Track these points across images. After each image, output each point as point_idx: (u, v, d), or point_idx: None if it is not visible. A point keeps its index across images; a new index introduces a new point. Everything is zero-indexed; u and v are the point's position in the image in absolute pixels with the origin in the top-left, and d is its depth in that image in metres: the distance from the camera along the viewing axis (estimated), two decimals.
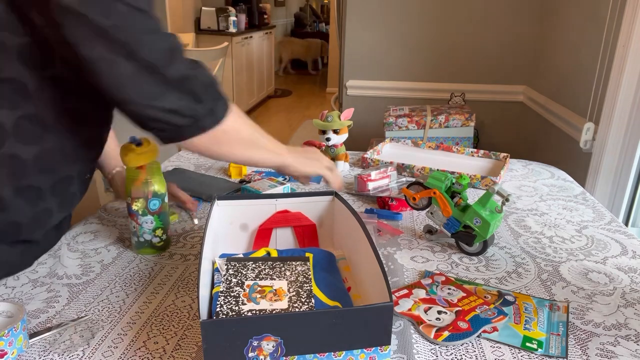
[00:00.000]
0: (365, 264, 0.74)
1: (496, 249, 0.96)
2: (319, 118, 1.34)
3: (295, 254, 0.82)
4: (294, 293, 0.69)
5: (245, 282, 0.71)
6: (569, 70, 2.13)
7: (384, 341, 0.59)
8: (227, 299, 0.67)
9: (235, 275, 0.73)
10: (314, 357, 0.58)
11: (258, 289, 0.70)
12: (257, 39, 5.82)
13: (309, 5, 9.75)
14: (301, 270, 0.75)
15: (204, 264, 0.69)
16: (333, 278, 0.76)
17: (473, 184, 1.27)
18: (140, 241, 0.90)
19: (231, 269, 0.75)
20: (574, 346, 0.68)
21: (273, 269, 0.75)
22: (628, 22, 1.63)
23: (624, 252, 0.96)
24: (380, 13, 2.60)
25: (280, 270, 0.75)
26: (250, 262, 0.77)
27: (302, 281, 0.72)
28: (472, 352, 0.67)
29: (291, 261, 0.77)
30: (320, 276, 0.76)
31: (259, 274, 0.74)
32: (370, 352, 0.59)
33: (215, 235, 0.83)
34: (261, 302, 0.67)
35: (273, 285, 0.71)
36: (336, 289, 0.73)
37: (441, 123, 2.23)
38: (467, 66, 2.64)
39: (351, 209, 0.82)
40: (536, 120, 2.47)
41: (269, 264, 0.76)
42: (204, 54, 3.24)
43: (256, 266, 0.76)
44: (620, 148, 1.72)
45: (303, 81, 8.04)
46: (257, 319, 0.58)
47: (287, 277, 0.73)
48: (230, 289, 0.70)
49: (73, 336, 0.68)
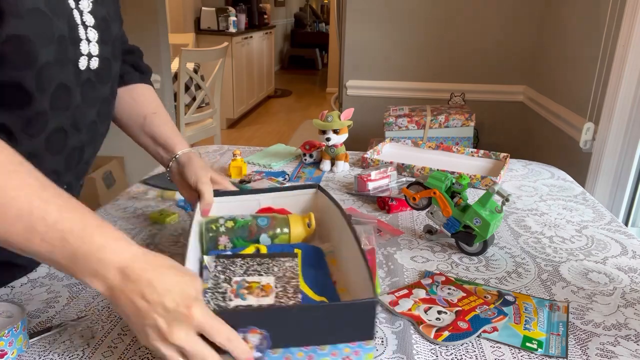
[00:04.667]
0: (349, 257, 0.74)
1: (496, 249, 0.96)
2: (319, 118, 1.34)
3: (284, 250, 0.82)
4: (281, 289, 0.70)
5: (233, 278, 0.72)
6: (568, 70, 2.13)
7: (367, 336, 0.59)
8: (214, 296, 0.68)
9: (224, 272, 0.73)
10: (298, 350, 0.59)
11: (246, 285, 0.70)
12: (257, 39, 5.82)
13: (309, 5, 9.75)
14: (289, 266, 0.75)
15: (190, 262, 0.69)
16: (321, 274, 0.76)
17: (473, 184, 1.27)
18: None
19: (219, 266, 0.75)
20: (574, 346, 0.68)
21: (261, 265, 0.75)
22: (628, 22, 1.63)
23: (624, 252, 0.96)
24: (380, 13, 2.60)
25: (268, 266, 0.75)
26: (238, 259, 0.77)
27: (289, 277, 0.72)
28: (472, 352, 0.67)
29: (279, 257, 0.77)
30: (308, 272, 0.76)
31: (247, 270, 0.74)
32: (354, 346, 0.60)
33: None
34: (248, 298, 0.68)
35: (260, 282, 0.71)
36: (323, 285, 0.73)
37: (441, 123, 2.24)
38: (467, 66, 2.64)
39: (335, 202, 0.82)
40: (536, 120, 2.47)
41: (257, 261, 0.76)
42: (204, 54, 3.25)
43: (244, 263, 0.76)
44: (620, 148, 1.72)
45: (303, 81, 8.04)
46: (243, 312, 0.60)
47: (274, 273, 0.73)
48: (218, 286, 0.70)
49: (73, 336, 0.68)
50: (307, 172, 1.36)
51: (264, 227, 0.84)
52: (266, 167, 1.39)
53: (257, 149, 1.55)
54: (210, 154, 1.51)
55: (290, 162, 1.44)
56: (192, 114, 3.18)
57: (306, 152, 1.42)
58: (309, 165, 1.42)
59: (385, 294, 0.79)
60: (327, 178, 1.32)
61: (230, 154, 1.51)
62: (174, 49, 3.64)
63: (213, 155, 1.50)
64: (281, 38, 8.92)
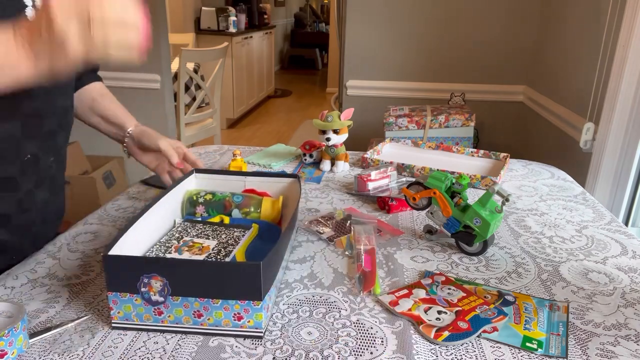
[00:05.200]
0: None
1: (496, 249, 0.96)
2: (319, 118, 1.34)
3: (242, 222, 0.91)
4: (216, 251, 0.79)
5: (183, 238, 0.82)
6: (569, 70, 2.13)
7: (256, 297, 0.66)
8: (159, 248, 0.78)
9: (180, 232, 0.85)
10: (195, 300, 0.67)
11: (189, 244, 0.80)
12: (257, 39, 5.82)
13: (309, 5, 9.75)
14: (235, 235, 0.84)
15: (158, 218, 0.84)
16: (268, 247, 0.78)
17: (473, 184, 1.27)
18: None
19: (180, 227, 0.87)
20: (574, 346, 0.68)
21: (214, 231, 0.86)
22: (628, 22, 1.63)
23: (624, 252, 0.96)
24: (380, 13, 2.60)
25: (218, 233, 0.85)
26: (200, 224, 0.88)
27: (229, 243, 0.82)
28: (472, 352, 0.67)
29: (233, 227, 0.88)
30: (257, 244, 0.85)
31: (199, 233, 0.84)
32: (244, 304, 0.67)
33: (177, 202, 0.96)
34: (184, 254, 0.77)
35: (203, 243, 0.81)
36: (260, 255, 0.79)
37: (441, 123, 2.23)
38: (467, 66, 2.64)
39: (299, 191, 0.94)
40: (536, 120, 2.47)
41: (214, 227, 0.87)
42: (204, 54, 3.25)
43: (202, 227, 0.87)
44: (620, 148, 1.72)
45: (303, 81, 8.04)
46: (146, 259, 0.70)
47: (220, 238, 0.83)
48: (168, 242, 0.81)
49: (73, 336, 0.68)
50: (307, 172, 1.36)
51: (238, 203, 0.95)
52: (266, 167, 1.39)
53: (257, 149, 1.55)
54: (210, 154, 1.51)
55: (290, 162, 1.44)
56: (192, 114, 3.18)
57: (306, 152, 1.42)
58: (309, 165, 1.42)
59: (385, 294, 0.79)
60: (327, 178, 1.32)
61: (230, 153, 1.51)
62: (174, 49, 3.65)
63: (213, 155, 1.50)
64: (281, 38, 8.92)
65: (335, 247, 0.95)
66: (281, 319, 0.73)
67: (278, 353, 0.66)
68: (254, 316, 0.67)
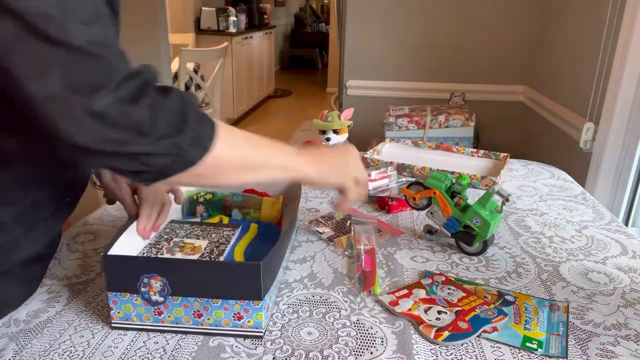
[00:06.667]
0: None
1: (496, 249, 0.96)
2: (319, 118, 1.34)
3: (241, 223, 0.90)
4: (208, 250, 0.78)
5: (174, 239, 0.82)
6: (568, 70, 2.13)
7: (256, 297, 0.66)
8: (150, 250, 0.78)
9: (169, 234, 0.84)
10: (195, 300, 0.67)
11: (180, 245, 0.80)
12: (257, 39, 5.82)
13: (309, 5, 9.74)
14: (225, 235, 0.84)
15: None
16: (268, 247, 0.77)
17: (473, 184, 1.27)
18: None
19: (167, 229, 0.85)
20: (574, 346, 0.68)
21: (204, 231, 0.85)
22: (628, 22, 1.63)
23: (624, 252, 0.96)
24: (380, 13, 2.60)
25: (209, 232, 0.85)
26: (187, 224, 0.88)
27: (221, 242, 0.81)
28: (472, 352, 0.67)
29: (222, 227, 0.87)
30: (255, 243, 0.84)
31: (189, 234, 0.84)
32: (244, 304, 0.67)
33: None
34: (176, 254, 0.77)
35: (194, 243, 0.81)
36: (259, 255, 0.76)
37: (441, 123, 2.23)
38: (467, 66, 2.64)
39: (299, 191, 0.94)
40: (536, 120, 2.47)
41: (202, 227, 0.87)
42: (204, 54, 3.25)
43: (189, 228, 0.86)
44: (620, 148, 1.72)
45: (303, 81, 8.04)
46: (146, 259, 0.71)
47: (210, 238, 0.82)
48: (158, 243, 0.80)
49: (73, 336, 0.68)
50: None
51: (237, 202, 0.96)
52: None
53: None
54: None
55: None
56: None
57: None
58: None
59: (385, 294, 0.79)
60: None
61: None
62: (174, 49, 3.64)
63: None
64: (281, 38, 8.92)
65: (335, 247, 0.95)
66: (281, 319, 0.73)
67: (278, 353, 0.66)
68: (254, 316, 0.67)
